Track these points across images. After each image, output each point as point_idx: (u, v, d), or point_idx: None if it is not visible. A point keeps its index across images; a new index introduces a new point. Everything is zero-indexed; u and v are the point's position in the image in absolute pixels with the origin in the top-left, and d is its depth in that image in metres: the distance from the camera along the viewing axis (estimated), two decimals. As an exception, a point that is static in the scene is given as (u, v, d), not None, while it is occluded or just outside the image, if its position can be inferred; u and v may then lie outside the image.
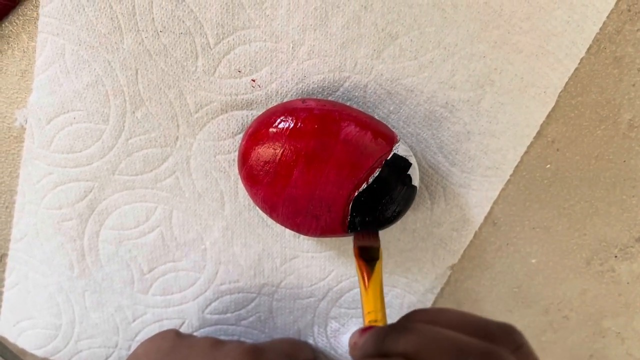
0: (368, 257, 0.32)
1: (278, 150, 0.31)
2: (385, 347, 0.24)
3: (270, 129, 0.31)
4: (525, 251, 0.40)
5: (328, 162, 0.31)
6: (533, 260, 0.41)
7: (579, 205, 0.39)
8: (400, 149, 0.32)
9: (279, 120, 0.31)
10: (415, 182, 0.33)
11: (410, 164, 0.32)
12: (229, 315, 0.42)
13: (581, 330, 0.44)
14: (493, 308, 0.43)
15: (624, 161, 0.37)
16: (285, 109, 0.31)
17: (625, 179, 0.38)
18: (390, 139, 0.32)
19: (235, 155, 0.36)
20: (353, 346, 0.27)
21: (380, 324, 0.29)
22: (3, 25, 0.33)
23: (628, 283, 0.41)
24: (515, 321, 0.43)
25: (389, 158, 0.32)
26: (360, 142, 0.31)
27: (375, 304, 0.30)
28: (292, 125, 0.31)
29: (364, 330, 0.27)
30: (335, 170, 0.31)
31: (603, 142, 0.36)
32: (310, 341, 0.43)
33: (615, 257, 0.40)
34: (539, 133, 0.36)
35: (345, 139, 0.31)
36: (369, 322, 0.29)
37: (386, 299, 0.41)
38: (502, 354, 0.21)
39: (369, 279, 0.31)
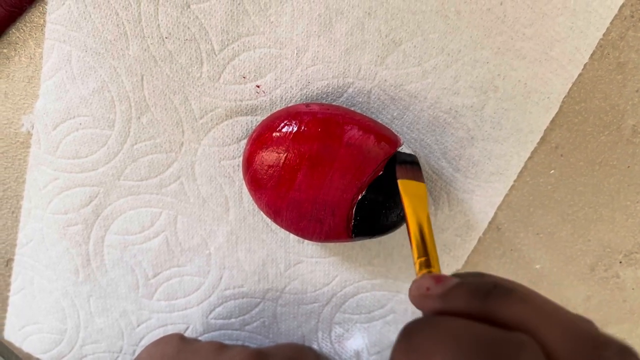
0: (415, 194, 0.30)
1: (282, 154, 0.31)
2: (490, 308, 0.20)
3: (274, 133, 0.31)
4: (529, 257, 0.40)
5: (332, 165, 0.31)
6: (537, 266, 0.41)
7: (583, 211, 0.39)
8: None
9: (282, 125, 0.31)
10: (419, 186, 0.33)
11: (413, 168, 0.32)
12: (233, 320, 0.42)
13: (586, 336, 0.43)
14: (497, 314, 0.42)
15: (628, 167, 0.37)
16: (288, 113, 0.32)
17: (629, 185, 0.38)
18: (393, 142, 0.32)
19: (239, 161, 0.36)
20: (425, 292, 0.22)
21: (435, 271, 0.25)
22: (10, 31, 0.33)
23: (633, 289, 0.41)
24: (519, 327, 0.43)
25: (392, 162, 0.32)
26: (364, 145, 0.31)
27: (431, 248, 0.26)
28: (295, 129, 0.31)
29: (438, 277, 0.23)
30: (339, 173, 0.31)
31: (607, 148, 0.37)
32: (315, 346, 0.43)
33: (620, 263, 0.40)
34: (542, 139, 0.36)
35: (348, 143, 0.31)
36: (421, 268, 0.25)
37: (390, 305, 0.41)
38: (636, 353, 0.18)
39: (416, 218, 0.28)
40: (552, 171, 0.37)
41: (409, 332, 0.21)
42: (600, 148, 0.37)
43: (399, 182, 0.30)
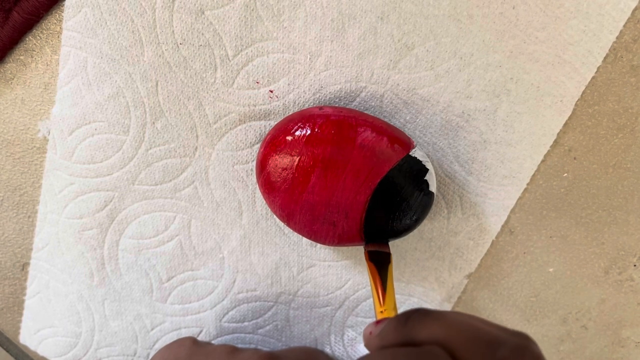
0: (378, 261, 0.33)
1: (295, 157, 0.31)
2: (409, 332, 0.22)
3: (288, 136, 0.31)
4: (542, 260, 0.40)
5: (345, 168, 0.31)
6: (550, 269, 0.40)
7: (596, 214, 0.38)
8: (416, 155, 0.32)
9: (296, 127, 0.31)
10: (433, 188, 0.33)
11: (427, 170, 0.32)
12: (246, 323, 0.42)
13: (600, 340, 0.43)
14: (510, 317, 0.42)
15: (642, 169, 0.37)
16: (302, 116, 0.32)
17: (643, 188, 0.37)
18: (406, 144, 0.32)
19: (253, 165, 0.36)
20: (368, 336, 0.26)
21: None
22: (27, 39, 0.34)
23: (647, 292, 0.41)
24: (533, 331, 0.43)
25: (405, 164, 0.32)
26: (377, 147, 0.31)
27: (389, 303, 0.30)
28: (309, 131, 0.31)
29: (378, 321, 0.26)
30: (352, 176, 0.31)
31: (621, 151, 0.36)
32: (327, 350, 0.43)
33: (634, 266, 0.40)
34: (555, 142, 0.36)
35: (361, 145, 0.31)
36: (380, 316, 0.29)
37: (402, 308, 0.41)
38: (534, 349, 0.20)
39: (381, 281, 0.31)
40: (565, 174, 0.37)
41: None
42: (613, 151, 0.36)
43: (365, 251, 0.34)
